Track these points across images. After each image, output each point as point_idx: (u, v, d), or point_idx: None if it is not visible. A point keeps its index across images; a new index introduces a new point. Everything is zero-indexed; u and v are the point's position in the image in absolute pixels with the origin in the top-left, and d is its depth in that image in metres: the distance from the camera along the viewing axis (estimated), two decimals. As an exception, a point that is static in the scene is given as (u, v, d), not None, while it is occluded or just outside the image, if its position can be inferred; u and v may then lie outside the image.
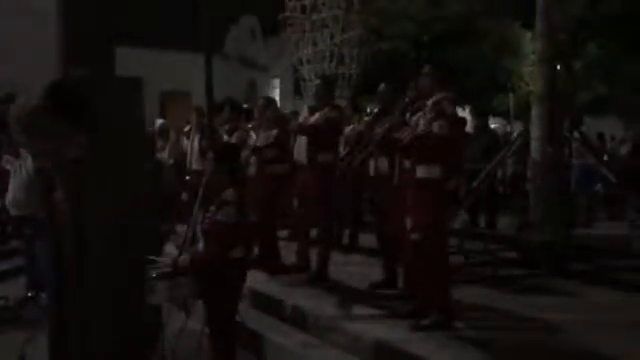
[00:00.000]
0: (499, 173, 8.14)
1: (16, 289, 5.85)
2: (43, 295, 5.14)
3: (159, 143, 8.28)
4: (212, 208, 3.56)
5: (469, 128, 10.21)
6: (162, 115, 14.70)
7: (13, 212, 6.36)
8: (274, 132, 6.01)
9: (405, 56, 13.57)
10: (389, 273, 5.50)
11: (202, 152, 6.93)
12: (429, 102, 4.56)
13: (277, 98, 15.78)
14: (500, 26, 12.68)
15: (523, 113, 12.02)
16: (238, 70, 20.94)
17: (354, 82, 10.38)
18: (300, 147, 5.68)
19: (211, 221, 3.53)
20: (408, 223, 4.50)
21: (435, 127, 4.42)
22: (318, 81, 6.89)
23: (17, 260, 6.78)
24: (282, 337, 4.74)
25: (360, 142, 5.45)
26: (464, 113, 14.29)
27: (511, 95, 14.67)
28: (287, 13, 10.70)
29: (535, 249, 6.27)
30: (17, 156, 6.81)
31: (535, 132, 6.46)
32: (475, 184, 6.52)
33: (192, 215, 4.02)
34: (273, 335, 4.77)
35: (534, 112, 6.46)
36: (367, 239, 6.83)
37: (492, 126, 12.44)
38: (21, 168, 6.56)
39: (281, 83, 24.25)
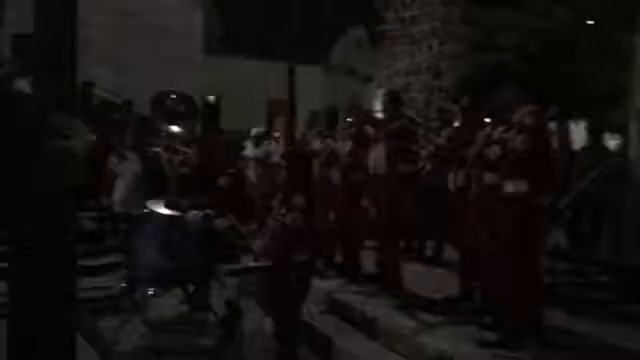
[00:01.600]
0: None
1: (116, 281, 6.39)
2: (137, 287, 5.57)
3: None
4: (281, 211, 3.79)
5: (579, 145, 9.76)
6: (269, 121, 15.27)
7: (119, 209, 7.01)
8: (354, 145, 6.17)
9: (509, 68, 13.17)
10: (465, 288, 5.46)
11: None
12: (514, 117, 4.54)
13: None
14: (613, 36, 12.00)
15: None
16: (343, 80, 21.28)
17: (451, 95, 10.28)
18: (376, 157, 5.77)
19: (279, 223, 3.75)
20: (492, 238, 4.49)
21: (519, 142, 4.40)
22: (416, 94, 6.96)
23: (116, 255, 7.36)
24: (351, 343, 4.87)
25: (439, 155, 5.47)
26: (576, 129, 13.63)
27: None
28: (386, 26, 10.82)
29: (629, 274, 5.95)
30: (124, 158, 7.50)
31: (635, 150, 6.14)
32: (564, 203, 6.29)
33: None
34: (343, 341, 4.91)
35: (632, 128, 6.15)
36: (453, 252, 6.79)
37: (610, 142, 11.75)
38: (127, 169, 7.21)
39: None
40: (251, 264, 3.87)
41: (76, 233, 7.41)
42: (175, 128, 7.87)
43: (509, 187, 4.43)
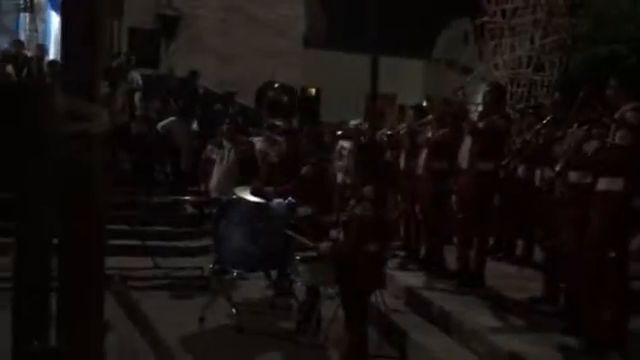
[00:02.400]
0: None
1: (207, 262, 6.76)
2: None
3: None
4: (352, 202, 3.87)
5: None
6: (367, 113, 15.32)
7: (214, 194, 7.39)
8: (442, 132, 6.12)
9: (623, 61, 12.40)
10: (551, 289, 5.28)
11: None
12: (616, 115, 4.33)
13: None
14: None
15: None
16: (446, 74, 20.94)
17: (552, 89, 9.84)
18: (463, 152, 5.70)
19: (350, 214, 3.84)
20: (579, 238, 4.33)
21: (617, 138, 4.19)
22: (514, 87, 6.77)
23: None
24: (426, 337, 4.87)
25: (526, 151, 5.31)
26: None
27: None
28: (486, 18, 10.54)
29: None
30: (220, 146, 7.89)
31: None
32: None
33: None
34: (417, 335, 4.92)
35: None
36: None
37: None
38: (224, 158, 7.58)
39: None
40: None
41: (180, 217, 7.93)
42: (275, 119, 8.19)
43: (602, 185, 4.23)
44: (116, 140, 9.82)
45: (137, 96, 10.75)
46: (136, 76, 10.87)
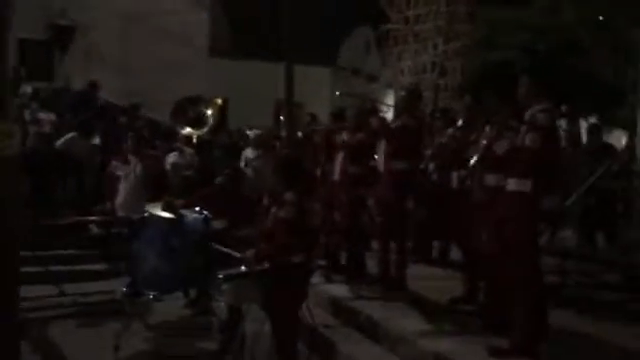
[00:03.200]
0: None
1: (118, 285, 6.37)
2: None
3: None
4: (274, 209, 3.77)
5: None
6: (276, 121, 15.25)
7: (121, 213, 6.99)
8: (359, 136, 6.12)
9: (515, 66, 13.08)
10: (470, 288, 5.38)
11: None
12: (526, 115, 4.43)
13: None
14: (620, 32, 11.86)
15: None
16: (352, 82, 21.28)
17: (456, 93, 10.18)
18: (380, 155, 5.72)
19: (274, 219, 3.73)
20: (493, 238, 4.40)
21: (527, 140, 4.28)
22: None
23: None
24: (354, 347, 4.81)
25: (442, 154, 5.40)
26: (583, 126, 13.50)
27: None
28: (390, 25, 10.76)
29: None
30: (125, 162, 7.49)
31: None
32: (569, 202, 6.19)
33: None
34: (346, 346, 4.85)
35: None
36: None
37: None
38: (130, 174, 7.19)
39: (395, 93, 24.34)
40: (243, 269, 3.81)
41: (85, 239, 7.41)
42: (188, 130, 7.85)
43: (512, 185, 4.33)
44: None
45: (27, 112, 9.98)
46: (27, 90, 10.15)
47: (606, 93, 14.17)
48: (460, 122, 5.52)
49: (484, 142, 4.84)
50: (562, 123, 14.59)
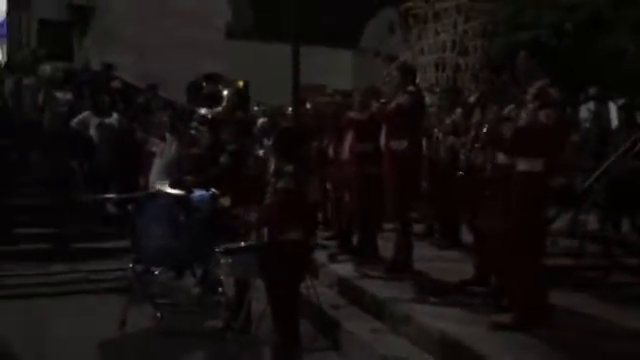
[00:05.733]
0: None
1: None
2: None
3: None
4: (273, 180, 3.74)
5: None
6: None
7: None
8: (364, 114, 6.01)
9: (544, 46, 12.65)
10: (481, 270, 5.25)
11: None
12: (530, 90, 4.26)
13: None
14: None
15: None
16: (375, 63, 20.98)
17: (476, 72, 9.93)
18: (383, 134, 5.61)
19: (273, 190, 3.71)
20: (503, 218, 4.27)
21: (542, 116, 4.10)
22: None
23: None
24: (357, 326, 4.74)
25: (456, 133, 5.25)
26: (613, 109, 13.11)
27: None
28: (410, 3, 10.54)
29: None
30: (163, 139, 7.48)
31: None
32: (588, 183, 6.00)
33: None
34: (350, 324, 4.79)
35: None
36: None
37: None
38: (165, 151, 7.18)
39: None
40: (243, 243, 3.77)
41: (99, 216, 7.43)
42: (204, 110, 7.79)
43: (522, 165, 4.17)
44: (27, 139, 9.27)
45: (42, 92, 10.00)
46: (46, 70, 10.19)
47: (633, 75, 13.66)
48: (472, 99, 5.33)
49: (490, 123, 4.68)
50: (590, 105, 14.22)
